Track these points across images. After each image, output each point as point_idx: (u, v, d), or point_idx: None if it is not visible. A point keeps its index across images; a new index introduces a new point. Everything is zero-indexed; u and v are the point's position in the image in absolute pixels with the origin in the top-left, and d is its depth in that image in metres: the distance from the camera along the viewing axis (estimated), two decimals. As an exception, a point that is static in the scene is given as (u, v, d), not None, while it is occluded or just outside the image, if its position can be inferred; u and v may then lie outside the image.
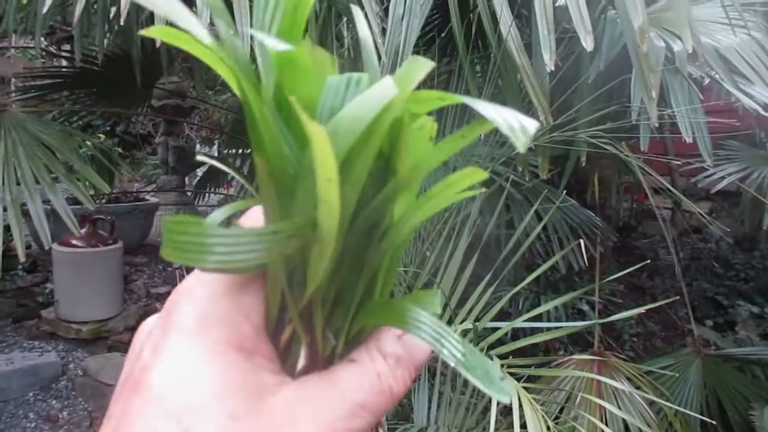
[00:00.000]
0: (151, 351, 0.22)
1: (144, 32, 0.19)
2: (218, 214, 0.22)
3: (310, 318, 0.22)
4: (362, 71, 0.20)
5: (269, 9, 0.21)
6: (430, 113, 0.21)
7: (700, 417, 1.80)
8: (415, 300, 0.22)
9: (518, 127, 0.17)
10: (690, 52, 1.39)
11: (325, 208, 0.18)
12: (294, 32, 0.21)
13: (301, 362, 0.23)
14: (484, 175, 0.20)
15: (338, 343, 0.23)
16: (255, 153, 0.20)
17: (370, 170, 0.19)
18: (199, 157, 0.32)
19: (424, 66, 0.19)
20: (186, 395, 0.20)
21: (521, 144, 0.17)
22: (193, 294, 0.23)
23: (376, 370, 0.23)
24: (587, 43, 1.27)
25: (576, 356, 1.77)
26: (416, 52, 2.22)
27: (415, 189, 0.23)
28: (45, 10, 1.26)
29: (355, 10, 0.25)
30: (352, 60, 2.21)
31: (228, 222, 0.22)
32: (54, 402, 2.60)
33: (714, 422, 1.93)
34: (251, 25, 0.21)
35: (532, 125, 0.17)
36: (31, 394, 2.63)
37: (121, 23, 1.14)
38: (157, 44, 1.19)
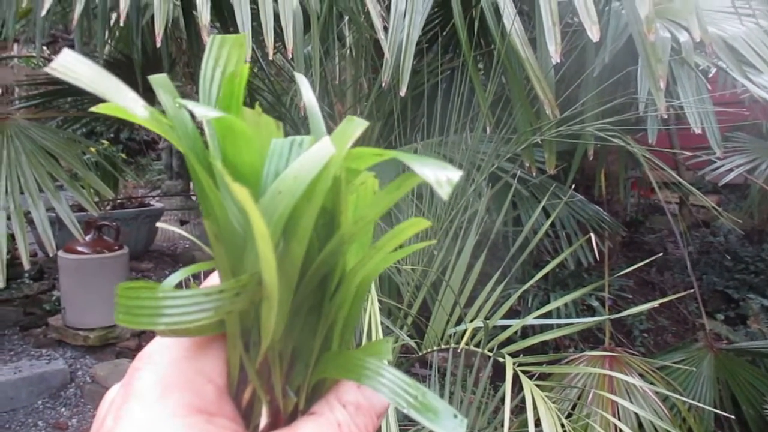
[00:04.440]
0: (113, 419, 0.22)
1: (94, 109, 0.20)
2: (173, 278, 0.22)
3: (269, 376, 0.23)
4: (366, 72, 0.20)
5: (215, 80, 0.22)
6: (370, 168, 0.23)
7: (714, 411, 1.78)
8: (369, 350, 0.23)
9: (444, 178, 0.18)
10: (697, 41, 1.37)
11: (264, 264, 0.19)
12: (233, 100, 0.22)
13: (264, 421, 0.23)
14: (427, 223, 0.21)
15: (299, 399, 0.23)
16: (205, 218, 0.22)
17: (316, 226, 0.21)
18: (159, 224, 0.32)
19: (358, 125, 0.21)
20: None
21: (444, 193, 0.18)
22: (154, 359, 0.23)
23: (336, 420, 0.23)
24: (593, 33, 1.25)
25: (587, 353, 1.75)
26: (419, 49, 2.21)
27: (365, 241, 0.25)
28: (43, 13, 1.25)
29: (300, 78, 0.26)
30: (354, 59, 2.20)
31: (183, 285, 0.23)
32: (63, 409, 2.59)
33: (728, 416, 1.91)
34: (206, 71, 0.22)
35: (455, 175, 0.18)
36: (39, 402, 2.63)
37: (121, 24, 1.13)
38: (158, 44, 1.18)
